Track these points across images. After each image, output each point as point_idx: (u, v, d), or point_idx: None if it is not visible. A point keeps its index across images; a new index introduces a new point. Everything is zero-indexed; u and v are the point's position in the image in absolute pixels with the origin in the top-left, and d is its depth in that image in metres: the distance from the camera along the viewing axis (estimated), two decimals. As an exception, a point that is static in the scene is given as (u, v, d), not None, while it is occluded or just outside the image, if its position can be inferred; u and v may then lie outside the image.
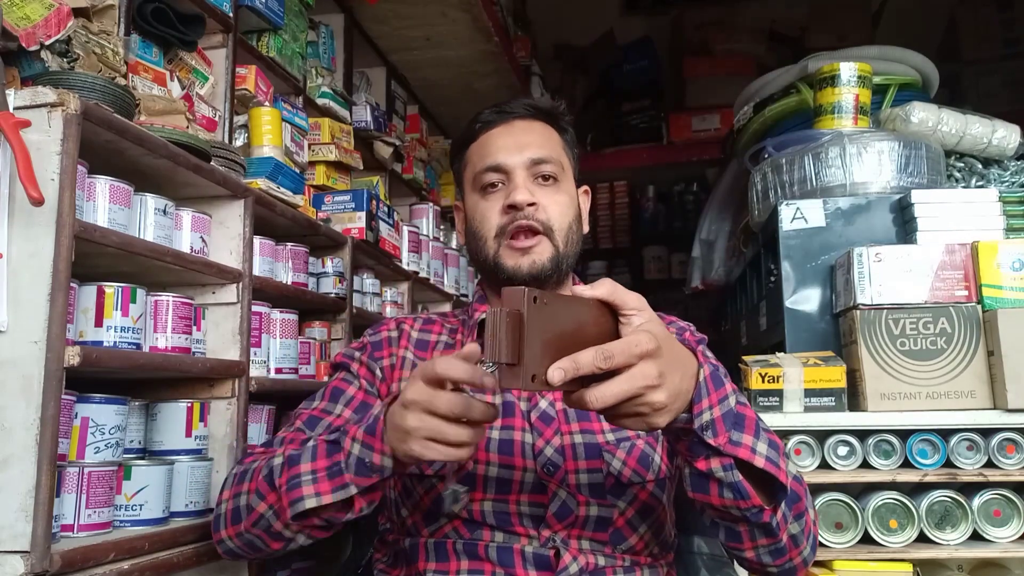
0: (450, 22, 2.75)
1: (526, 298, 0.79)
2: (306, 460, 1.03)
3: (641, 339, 0.84)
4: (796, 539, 1.04)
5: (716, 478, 0.94)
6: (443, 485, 1.14)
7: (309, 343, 1.86)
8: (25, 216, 1.10)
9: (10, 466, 1.06)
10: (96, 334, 1.25)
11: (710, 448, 0.92)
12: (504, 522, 1.14)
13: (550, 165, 1.23)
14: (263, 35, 2.02)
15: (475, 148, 1.29)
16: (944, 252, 1.77)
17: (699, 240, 3.30)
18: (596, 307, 0.87)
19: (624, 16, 5.27)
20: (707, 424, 0.91)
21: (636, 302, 0.88)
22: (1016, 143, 2.11)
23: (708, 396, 0.91)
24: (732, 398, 0.94)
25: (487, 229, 1.23)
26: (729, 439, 0.92)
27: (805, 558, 1.07)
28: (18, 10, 1.22)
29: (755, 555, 1.04)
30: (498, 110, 1.29)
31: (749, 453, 0.94)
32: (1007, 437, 1.66)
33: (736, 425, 0.94)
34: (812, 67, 2.34)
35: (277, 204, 1.71)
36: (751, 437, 0.94)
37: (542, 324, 0.80)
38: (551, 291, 0.90)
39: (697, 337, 1.29)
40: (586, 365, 0.81)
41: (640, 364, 0.83)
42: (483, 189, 1.25)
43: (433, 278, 2.67)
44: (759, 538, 1.02)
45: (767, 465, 0.95)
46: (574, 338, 0.83)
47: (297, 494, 1.02)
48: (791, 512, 1.02)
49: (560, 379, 0.80)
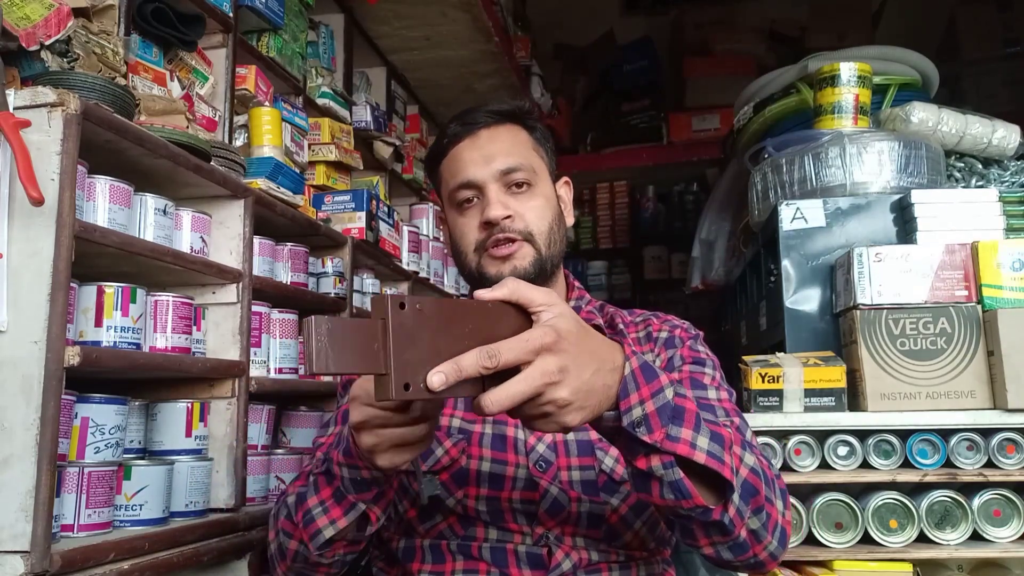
0: (450, 22, 2.76)
1: (390, 304, 0.74)
2: (312, 494, 1.05)
3: (535, 334, 0.79)
4: (757, 534, 0.97)
5: (656, 477, 0.88)
6: (415, 482, 1.13)
7: (309, 343, 1.86)
8: (25, 216, 1.10)
9: (10, 466, 1.06)
10: (96, 334, 1.25)
11: (646, 445, 0.87)
12: (497, 518, 1.14)
13: (520, 172, 1.22)
14: (263, 35, 2.02)
15: (446, 164, 1.28)
16: (944, 252, 1.77)
17: (699, 240, 3.30)
18: (503, 310, 0.82)
19: (624, 16, 5.27)
20: (639, 420, 0.85)
21: (543, 297, 0.83)
22: (1016, 143, 2.11)
23: (638, 390, 0.86)
24: (669, 390, 0.88)
25: (467, 244, 1.24)
26: (667, 435, 0.86)
27: (772, 552, 1.00)
28: (18, 10, 1.22)
29: (714, 551, 0.99)
30: (462, 122, 1.27)
31: (688, 449, 0.88)
32: (1007, 437, 1.66)
33: (674, 419, 0.87)
34: (812, 67, 2.34)
35: (277, 204, 1.71)
36: (690, 431, 0.88)
37: (416, 331, 0.75)
38: (431, 298, 0.83)
39: (691, 334, 1.28)
40: (470, 366, 0.76)
41: (537, 360, 0.78)
42: (459, 206, 1.24)
43: (433, 278, 2.67)
44: (714, 535, 0.96)
45: (709, 460, 0.89)
46: (473, 344, 0.77)
47: (314, 528, 1.03)
48: (748, 507, 0.95)
49: (441, 383, 0.74)
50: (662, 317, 1.31)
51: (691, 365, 1.21)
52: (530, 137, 1.28)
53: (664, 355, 1.24)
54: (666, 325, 1.29)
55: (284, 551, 1.11)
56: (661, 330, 1.28)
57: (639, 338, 1.28)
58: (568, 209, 1.31)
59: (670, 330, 1.28)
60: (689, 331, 1.29)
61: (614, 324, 1.30)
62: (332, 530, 1.02)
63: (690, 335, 1.28)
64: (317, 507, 1.03)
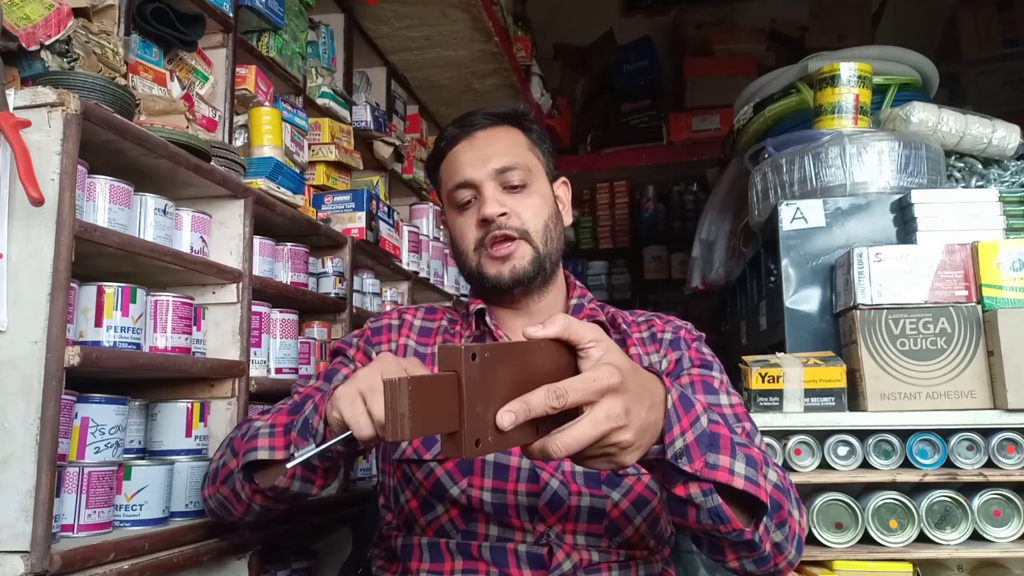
0: (450, 22, 2.76)
1: (463, 357, 0.69)
2: (272, 414, 1.10)
3: (600, 373, 0.77)
4: (780, 546, 1.02)
5: (695, 504, 0.90)
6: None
7: (309, 343, 1.86)
8: (25, 216, 1.10)
9: (10, 466, 1.06)
10: (96, 334, 1.25)
11: (687, 475, 0.88)
12: (501, 512, 1.14)
13: (516, 172, 1.24)
14: (263, 35, 2.02)
15: (444, 166, 1.31)
16: (944, 252, 1.76)
17: (699, 240, 3.30)
18: (551, 347, 0.80)
19: (624, 16, 5.27)
20: (681, 452, 0.87)
21: (593, 333, 0.82)
22: (1016, 143, 2.11)
23: (679, 422, 0.86)
24: (704, 418, 0.90)
25: (466, 244, 1.26)
26: (705, 463, 0.88)
27: (790, 560, 1.05)
28: (18, 10, 1.22)
29: (739, 565, 1.02)
30: (459, 124, 1.30)
31: (728, 476, 0.90)
32: (1007, 437, 1.66)
33: (711, 447, 0.89)
34: (812, 67, 2.34)
35: (277, 204, 1.72)
36: (728, 458, 0.90)
37: (484, 381, 0.71)
38: (492, 343, 0.80)
39: (695, 335, 1.29)
40: (538, 406, 0.73)
41: (603, 402, 0.77)
42: (458, 206, 1.27)
43: (433, 278, 2.67)
44: (741, 551, 0.99)
45: (747, 486, 0.91)
46: (527, 386, 0.74)
47: (252, 444, 1.08)
48: (773, 522, 1.00)
49: (511, 422, 0.72)
50: (664, 318, 1.32)
51: (699, 369, 1.23)
52: (526, 138, 1.30)
53: (671, 356, 1.25)
54: (669, 326, 1.30)
55: (218, 470, 1.16)
56: (665, 331, 1.29)
57: (643, 338, 1.28)
58: (566, 209, 1.33)
59: (674, 331, 1.29)
60: (692, 332, 1.30)
61: (616, 324, 1.30)
62: (266, 454, 1.07)
63: (694, 336, 1.29)
64: (265, 428, 1.09)
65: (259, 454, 1.07)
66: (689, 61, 4.85)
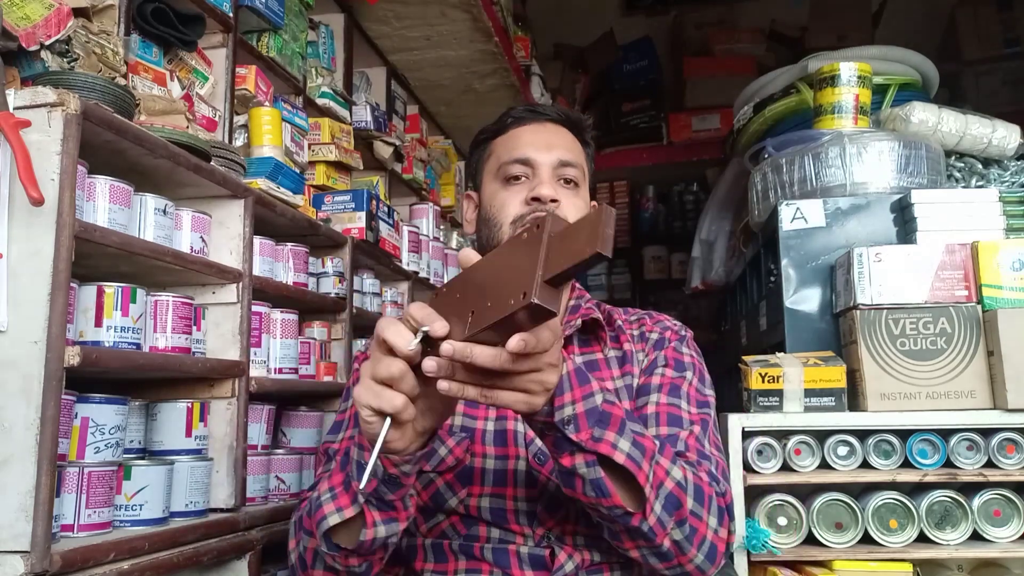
0: (450, 22, 2.75)
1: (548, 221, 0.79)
2: (324, 482, 1.03)
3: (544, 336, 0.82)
4: (681, 546, 1.01)
5: (579, 474, 0.94)
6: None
7: (309, 343, 1.86)
8: (25, 216, 1.10)
9: (10, 466, 1.06)
10: (96, 334, 1.25)
11: (573, 444, 0.92)
12: (500, 518, 1.14)
13: (574, 169, 1.28)
14: (263, 35, 2.02)
15: (502, 140, 1.33)
16: (944, 252, 1.77)
17: (699, 240, 3.30)
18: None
19: (624, 16, 5.27)
20: (569, 418, 0.91)
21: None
22: (1016, 143, 2.11)
23: (571, 391, 0.91)
24: (598, 396, 0.94)
25: (504, 216, 1.26)
26: (592, 435, 0.93)
27: (698, 565, 1.03)
28: (18, 10, 1.22)
29: (640, 555, 1.03)
30: (531, 109, 1.34)
31: (609, 448, 0.93)
32: (1007, 437, 1.66)
33: (600, 422, 0.93)
34: (812, 67, 2.34)
35: (277, 204, 1.71)
36: (614, 434, 0.94)
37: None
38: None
39: (680, 335, 1.29)
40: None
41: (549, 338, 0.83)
42: (506, 180, 1.28)
43: (433, 278, 2.66)
44: (638, 540, 1.01)
45: (627, 462, 0.94)
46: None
47: (320, 515, 1.00)
48: (671, 518, 0.99)
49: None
50: (655, 317, 1.33)
51: (672, 370, 1.23)
52: (584, 150, 1.35)
53: (652, 355, 1.26)
54: (657, 327, 1.31)
55: (304, 556, 1.08)
56: (652, 331, 1.30)
57: (634, 336, 1.30)
58: None
59: (660, 331, 1.30)
60: (678, 332, 1.30)
61: (611, 321, 1.31)
62: (337, 517, 0.99)
63: (678, 336, 1.29)
64: (327, 493, 1.02)
65: (330, 520, 0.99)
66: (689, 61, 4.85)
